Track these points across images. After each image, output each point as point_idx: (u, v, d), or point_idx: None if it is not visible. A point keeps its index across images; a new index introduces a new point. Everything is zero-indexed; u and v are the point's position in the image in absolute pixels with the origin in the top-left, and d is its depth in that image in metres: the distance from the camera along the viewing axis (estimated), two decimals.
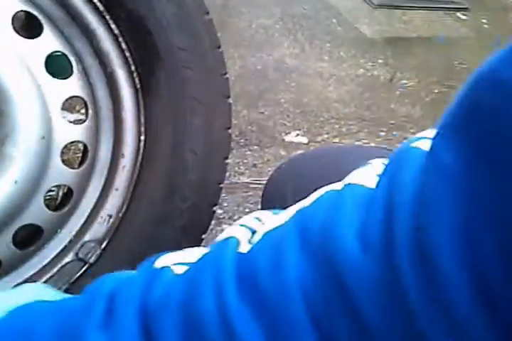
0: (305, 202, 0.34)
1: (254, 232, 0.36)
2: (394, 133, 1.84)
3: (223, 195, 1.46)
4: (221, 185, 0.87)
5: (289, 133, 1.74)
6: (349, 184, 0.32)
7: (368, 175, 0.32)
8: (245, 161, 1.59)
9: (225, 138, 0.83)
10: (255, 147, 1.65)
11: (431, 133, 0.30)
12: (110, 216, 0.78)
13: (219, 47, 0.84)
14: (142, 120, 0.75)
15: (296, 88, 1.97)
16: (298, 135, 1.74)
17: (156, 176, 0.78)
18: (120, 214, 0.77)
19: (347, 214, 0.29)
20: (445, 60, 2.32)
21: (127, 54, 0.73)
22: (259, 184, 1.51)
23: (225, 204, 1.41)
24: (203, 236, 0.88)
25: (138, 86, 0.74)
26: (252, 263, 0.31)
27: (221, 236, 0.36)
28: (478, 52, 2.43)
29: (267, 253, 0.31)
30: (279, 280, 0.29)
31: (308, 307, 0.29)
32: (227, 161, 0.89)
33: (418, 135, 0.33)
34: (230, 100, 0.86)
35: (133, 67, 0.74)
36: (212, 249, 0.35)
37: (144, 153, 0.77)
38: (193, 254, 0.36)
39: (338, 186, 0.33)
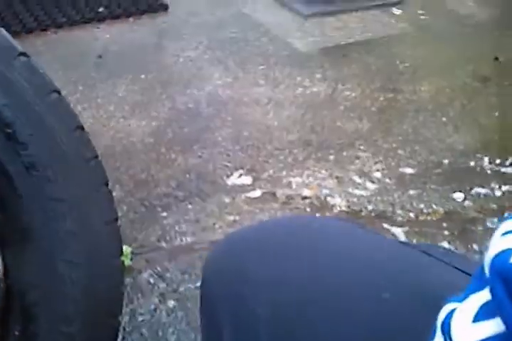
0: None
1: None
2: (344, 153, 1.72)
3: (165, 262, 1.33)
4: (121, 290, 0.75)
5: (231, 174, 1.62)
6: None
7: (469, 327, 0.29)
8: (186, 217, 1.46)
9: (111, 237, 0.71)
10: (196, 198, 1.53)
11: None
12: None
13: (79, 127, 0.72)
14: None
15: (233, 122, 1.84)
16: (241, 175, 1.62)
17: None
18: None
19: None
20: (386, 62, 2.21)
21: None
22: (204, 242, 1.39)
23: (168, 275, 1.27)
24: None
25: None
26: None
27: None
28: (419, 46, 2.33)
29: None
30: None
31: None
32: (121, 261, 0.76)
33: (503, 246, 0.30)
34: (109, 189, 0.73)
35: None
36: None
37: (5, 275, 0.64)
38: None
39: None
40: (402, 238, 1.43)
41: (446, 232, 1.46)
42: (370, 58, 2.22)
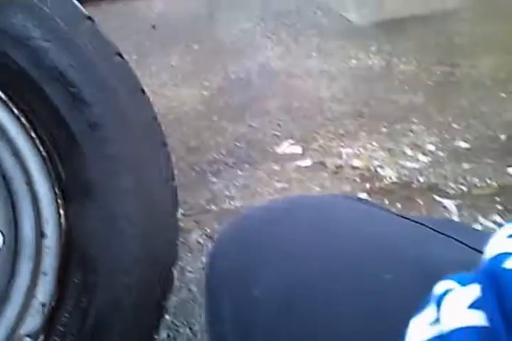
0: None
1: None
2: (397, 126, 1.69)
3: (214, 224, 1.35)
4: (176, 245, 0.76)
5: (281, 143, 1.62)
6: (455, 330, 0.29)
7: (463, 310, 0.29)
8: (236, 183, 1.47)
9: (168, 195, 0.72)
10: (246, 165, 1.53)
11: None
12: (44, 305, 0.67)
13: (140, 89, 0.72)
14: (57, 191, 0.64)
15: (284, 92, 1.84)
16: (291, 145, 1.61)
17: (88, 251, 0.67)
18: (53, 303, 0.67)
19: None
20: (444, 37, 2.15)
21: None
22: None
23: (216, 236, 1.29)
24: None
25: (44, 153, 0.63)
26: None
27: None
28: (478, 22, 2.26)
29: None
30: None
31: None
32: (176, 218, 0.77)
33: (502, 249, 0.30)
34: (167, 149, 0.74)
35: (33, 134, 0.63)
36: None
37: (67, 229, 0.66)
38: None
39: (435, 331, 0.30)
40: (454, 210, 1.40)
41: (499, 206, 1.43)
42: (428, 33, 2.16)
